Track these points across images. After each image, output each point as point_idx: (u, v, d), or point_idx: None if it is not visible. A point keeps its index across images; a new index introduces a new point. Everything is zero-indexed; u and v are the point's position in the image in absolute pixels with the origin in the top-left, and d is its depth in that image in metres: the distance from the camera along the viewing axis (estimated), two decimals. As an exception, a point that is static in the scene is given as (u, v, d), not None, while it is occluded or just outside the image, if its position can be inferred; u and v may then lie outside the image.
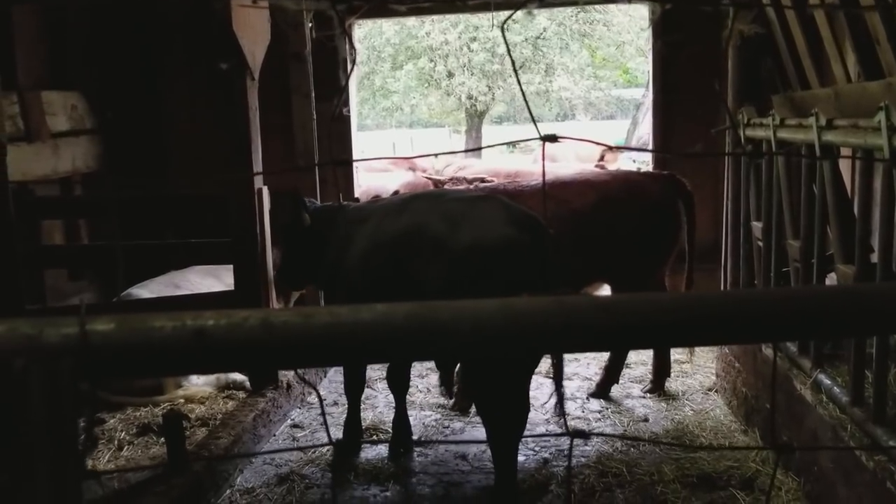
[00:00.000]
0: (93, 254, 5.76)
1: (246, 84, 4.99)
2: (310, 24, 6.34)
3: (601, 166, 9.28)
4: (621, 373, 5.52)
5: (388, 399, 5.33)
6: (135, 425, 4.72)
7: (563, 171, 7.39)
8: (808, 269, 4.06)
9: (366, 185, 7.99)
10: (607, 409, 5.21)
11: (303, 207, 4.63)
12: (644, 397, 5.38)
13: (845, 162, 4.78)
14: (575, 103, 24.94)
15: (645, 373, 5.73)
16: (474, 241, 3.63)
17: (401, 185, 7.75)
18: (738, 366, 4.93)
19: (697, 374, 5.79)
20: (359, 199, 5.96)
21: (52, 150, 5.83)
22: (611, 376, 5.43)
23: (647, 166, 8.94)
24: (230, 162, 5.50)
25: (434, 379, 5.66)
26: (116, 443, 4.50)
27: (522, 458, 4.28)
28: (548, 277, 3.61)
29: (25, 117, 5.43)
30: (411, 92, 24.41)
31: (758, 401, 4.56)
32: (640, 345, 1.14)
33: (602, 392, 5.40)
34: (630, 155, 13.07)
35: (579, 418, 5.07)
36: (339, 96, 6.79)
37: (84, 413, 1.11)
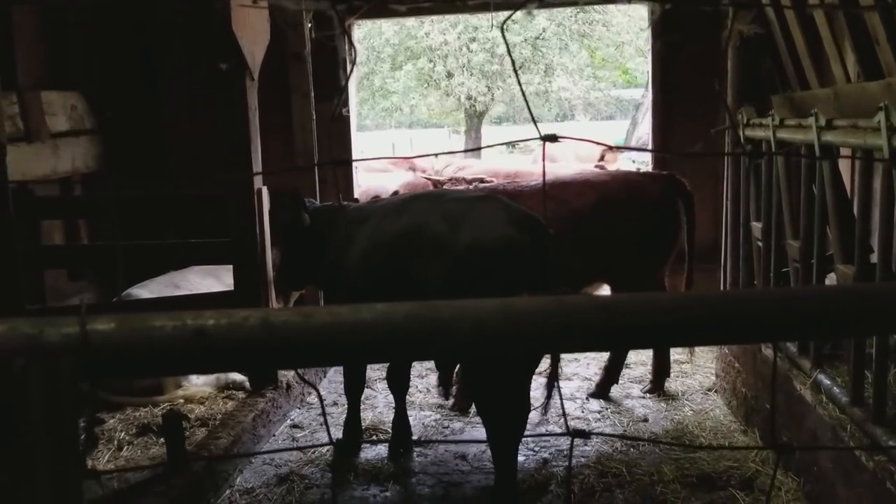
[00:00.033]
0: (92, 254, 5.76)
1: (246, 84, 4.99)
2: (309, 25, 6.33)
3: (601, 166, 9.28)
4: (621, 373, 5.52)
5: (387, 399, 5.33)
6: (134, 425, 4.72)
7: (563, 172, 7.39)
8: (808, 270, 4.06)
9: (365, 185, 7.99)
10: (607, 409, 5.21)
11: (302, 207, 4.64)
12: (644, 397, 5.38)
13: (845, 162, 4.78)
14: (574, 104, 24.95)
15: (644, 373, 5.73)
16: (475, 242, 3.63)
17: (400, 185, 7.76)
18: (737, 366, 4.93)
19: (697, 374, 5.79)
20: (358, 200, 5.96)
21: (52, 150, 5.83)
22: (610, 376, 5.43)
23: (647, 166, 8.94)
24: (230, 162, 5.50)
25: (434, 379, 5.66)
26: (116, 443, 4.50)
27: (522, 458, 4.28)
28: (548, 277, 3.61)
29: (25, 117, 5.43)
30: (411, 92, 24.41)
31: (757, 401, 4.56)
32: (640, 344, 1.15)
33: (602, 392, 5.40)
34: (630, 155, 13.07)
35: (579, 418, 5.07)
36: (340, 96, 6.79)
37: (84, 413, 1.11)
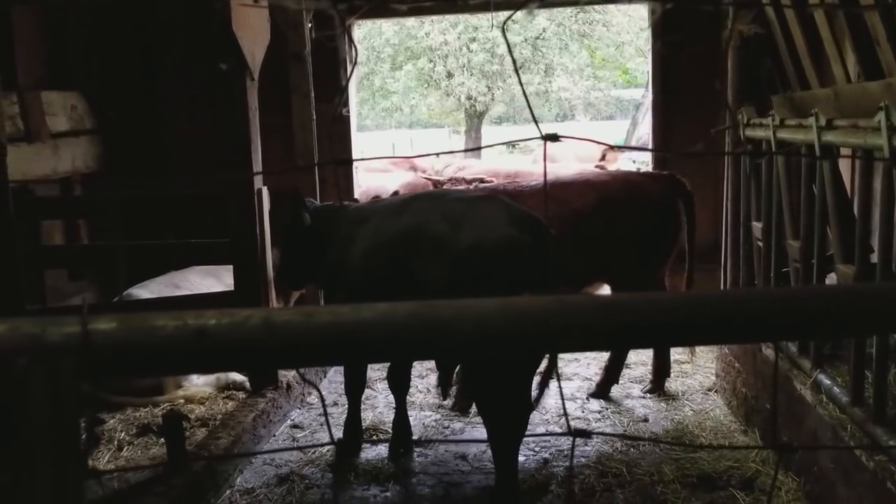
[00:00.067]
0: (93, 254, 5.76)
1: (246, 84, 4.99)
2: (309, 25, 6.34)
3: (601, 166, 9.28)
4: (621, 373, 5.52)
5: (388, 399, 5.33)
6: (135, 426, 4.72)
7: (563, 172, 7.39)
8: (808, 270, 4.06)
9: (365, 185, 7.99)
10: (607, 409, 5.21)
11: (303, 207, 4.64)
12: (644, 397, 5.38)
13: (845, 162, 4.78)
14: (574, 104, 24.96)
15: (645, 373, 5.73)
16: (475, 242, 3.63)
17: (400, 185, 7.76)
18: (737, 366, 4.93)
19: (697, 374, 5.79)
20: (358, 200, 5.96)
21: (52, 150, 5.83)
22: (611, 376, 5.43)
23: (647, 166, 8.94)
24: (230, 162, 5.50)
25: (434, 379, 5.66)
26: (116, 443, 4.49)
27: (522, 459, 4.27)
28: (549, 277, 3.61)
29: (25, 117, 5.43)
30: (411, 92, 24.42)
31: (758, 401, 4.56)
32: (640, 344, 1.15)
33: (602, 392, 5.40)
34: (630, 155, 13.07)
35: (579, 418, 5.07)
36: (341, 95, 6.80)
37: (86, 413, 1.11)
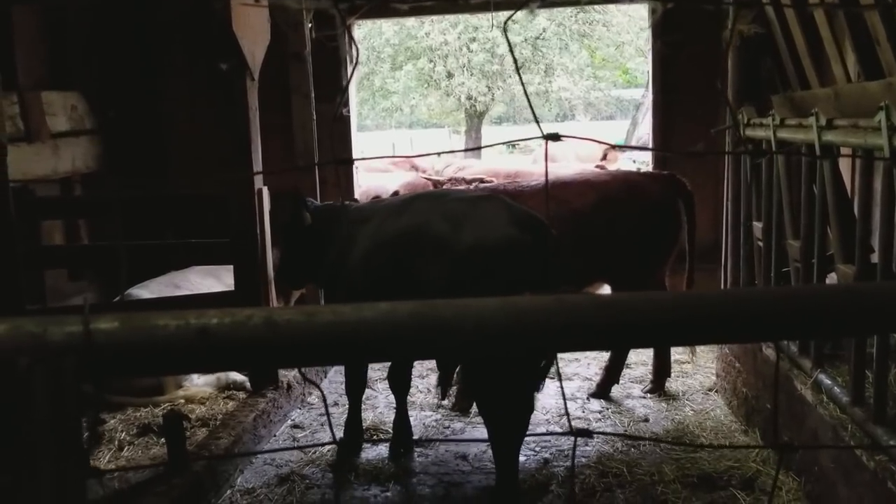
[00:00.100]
0: (93, 254, 5.76)
1: (246, 84, 4.99)
2: (310, 25, 6.34)
3: (601, 166, 9.28)
4: (621, 373, 5.52)
5: (388, 399, 5.33)
6: (135, 426, 4.72)
7: (563, 172, 7.39)
8: (809, 269, 4.06)
9: (365, 185, 7.99)
10: (607, 409, 5.21)
11: (304, 206, 4.64)
12: (644, 397, 5.38)
13: (845, 162, 4.78)
14: (574, 104, 24.97)
15: (645, 373, 5.73)
16: (476, 241, 3.63)
17: (400, 185, 7.75)
18: (738, 366, 4.93)
19: (698, 374, 5.79)
20: (357, 200, 5.96)
21: (52, 150, 5.83)
22: (611, 376, 5.43)
23: (647, 166, 8.94)
24: (230, 162, 5.50)
25: (434, 379, 5.66)
26: (117, 443, 4.49)
27: (523, 459, 4.27)
28: (549, 277, 3.61)
29: (25, 117, 5.43)
30: (411, 92, 24.42)
31: (758, 401, 4.56)
32: (641, 343, 1.15)
33: (602, 392, 5.40)
34: (630, 155, 13.07)
35: (580, 418, 5.07)
36: (342, 94, 6.80)
37: (87, 412, 1.11)
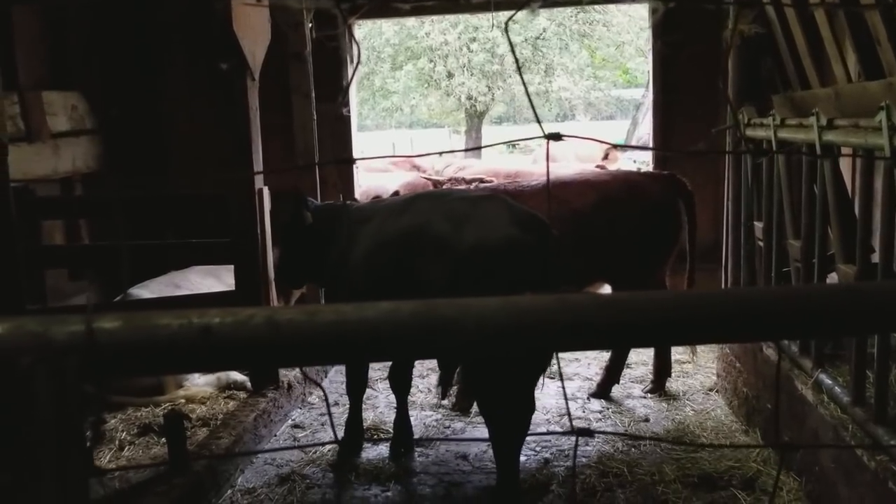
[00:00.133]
0: (93, 254, 5.76)
1: (246, 84, 4.99)
2: (310, 24, 6.34)
3: (602, 166, 9.28)
4: (622, 373, 5.52)
5: (389, 399, 5.33)
6: (136, 425, 4.72)
7: (564, 172, 7.39)
8: (809, 269, 4.06)
9: (366, 185, 7.99)
10: (608, 409, 5.21)
11: (304, 206, 4.64)
12: (645, 397, 5.38)
13: (846, 161, 4.78)
14: (575, 103, 24.97)
15: (646, 373, 5.73)
16: (478, 241, 3.63)
17: (400, 185, 7.75)
18: (738, 366, 4.93)
19: (698, 374, 5.79)
20: (357, 200, 5.96)
21: (53, 150, 5.83)
22: (611, 376, 5.43)
23: (648, 166, 8.94)
24: (230, 162, 5.50)
25: (435, 379, 5.66)
26: (117, 443, 4.49)
27: (524, 458, 4.27)
28: (550, 277, 3.61)
29: (26, 117, 5.43)
30: (411, 92, 24.43)
31: (759, 401, 4.56)
32: (641, 343, 1.15)
33: (603, 392, 5.40)
34: (630, 155, 13.08)
35: (580, 418, 5.07)
36: (344, 93, 6.80)
37: (89, 411, 1.11)
